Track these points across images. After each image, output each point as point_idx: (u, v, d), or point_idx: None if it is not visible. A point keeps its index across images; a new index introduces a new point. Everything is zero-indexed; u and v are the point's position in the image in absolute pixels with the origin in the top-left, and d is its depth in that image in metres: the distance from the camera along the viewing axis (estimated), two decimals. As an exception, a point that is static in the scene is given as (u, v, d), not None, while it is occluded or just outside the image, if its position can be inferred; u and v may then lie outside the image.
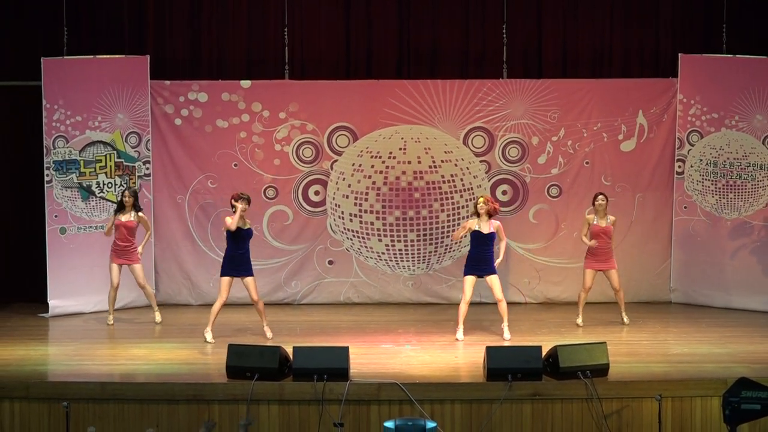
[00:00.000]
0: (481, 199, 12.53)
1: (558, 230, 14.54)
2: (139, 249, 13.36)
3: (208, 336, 12.31)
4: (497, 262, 12.61)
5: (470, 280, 12.51)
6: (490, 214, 12.50)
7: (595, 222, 13.10)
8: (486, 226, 12.49)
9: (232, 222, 12.22)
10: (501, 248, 12.63)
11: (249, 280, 12.36)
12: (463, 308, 12.51)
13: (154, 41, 14.55)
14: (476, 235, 12.50)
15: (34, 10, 14.42)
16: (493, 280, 12.49)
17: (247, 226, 12.39)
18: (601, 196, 13.12)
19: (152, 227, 13.84)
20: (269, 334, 12.43)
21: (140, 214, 13.32)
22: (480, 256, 12.49)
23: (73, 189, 13.98)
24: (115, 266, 13.33)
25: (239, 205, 12.24)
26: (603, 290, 13.85)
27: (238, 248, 12.31)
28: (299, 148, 14.53)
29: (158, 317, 13.43)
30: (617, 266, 13.20)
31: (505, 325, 12.52)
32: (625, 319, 13.21)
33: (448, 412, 10.36)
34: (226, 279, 12.36)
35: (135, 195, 13.37)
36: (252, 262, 12.59)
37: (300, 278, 14.61)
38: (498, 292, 12.49)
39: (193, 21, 14.59)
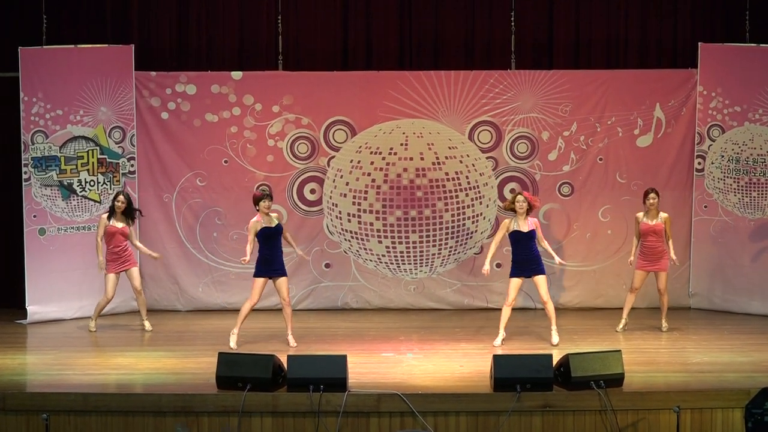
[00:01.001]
0: (521, 196, 12.55)
1: (570, 231, 14.56)
2: (154, 253, 13.37)
3: (233, 340, 12.35)
4: (558, 261, 12.64)
5: (516, 282, 12.52)
6: (529, 211, 12.53)
7: (644, 220, 13.10)
8: (525, 224, 12.51)
9: (251, 233, 12.38)
10: (548, 249, 12.61)
11: (282, 280, 12.46)
12: (505, 312, 12.51)
13: (139, 30, 14.56)
14: (517, 236, 12.53)
15: (11, -4, 14.47)
16: (540, 280, 12.49)
17: (275, 223, 12.47)
18: (652, 194, 13.09)
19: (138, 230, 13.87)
20: (293, 343, 12.47)
21: (132, 224, 13.36)
22: (525, 257, 12.51)
23: (53, 187, 14.00)
24: (112, 276, 13.31)
25: (263, 204, 12.41)
26: (617, 294, 13.85)
27: (270, 247, 12.39)
28: (294, 144, 14.55)
29: (148, 325, 13.44)
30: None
31: (553, 329, 12.55)
32: (664, 326, 13.21)
33: (453, 425, 10.37)
34: (259, 280, 12.44)
35: (129, 201, 13.38)
36: (245, 266, 12.57)
37: (295, 282, 14.61)
38: (544, 294, 12.48)
39: (180, 8, 14.61)
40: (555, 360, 10.59)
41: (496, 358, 10.55)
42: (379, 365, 11.70)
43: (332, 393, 10.33)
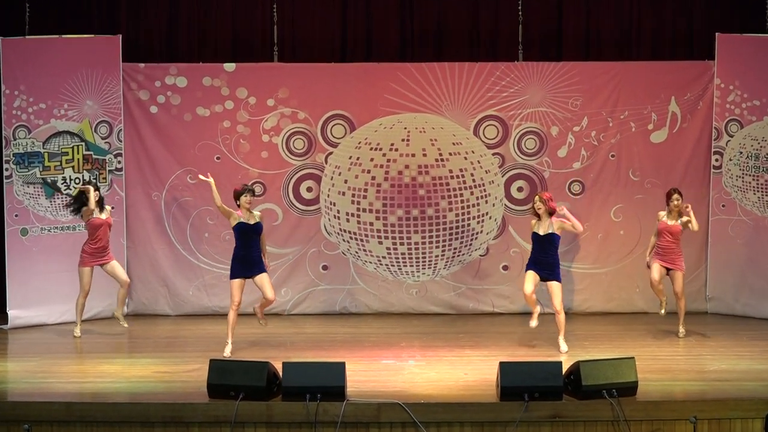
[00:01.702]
0: (537, 198, 12.55)
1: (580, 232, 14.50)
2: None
3: (227, 350, 12.31)
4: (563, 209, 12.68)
5: (531, 273, 12.51)
6: (551, 213, 12.48)
7: (664, 218, 13.10)
8: (544, 227, 12.46)
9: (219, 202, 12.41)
10: (572, 220, 12.64)
11: (261, 277, 12.42)
12: (527, 298, 12.52)
13: (127, 19, 14.54)
14: (534, 238, 12.55)
15: (-8, -17, 14.43)
16: (554, 287, 12.48)
17: (255, 221, 12.40)
18: (676, 195, 13.13)
19: (124, 228, 13.84)
20: (226, 352, 12.37)
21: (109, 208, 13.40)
22: (541, 259, 12.49)
23: (36, 185, 13.97)
24: (87, 270, 13.32)
25: (244, 199, 12.39)
26: (630, 298, 13.80)
27: (246, 246, 12.33)
28: (290, 140, 14.52)
29: (123, 321, 13.36)
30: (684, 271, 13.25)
31: (561, 338, 12.53)
32: (681, 332, 13.18)
33: (457, 436, 10.34)
34: (236, 282, 12.39)
35: (98, 188, 13.39)
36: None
37: (290, 285, 14.59)
38: (558, 303, 12.47)
39: (170, -4, 14.63)
40: (565, 367, 10.55)
41: (502, 365, 10.52)
42: (380, 373, 11.68)
43: (330, 402, 10.29)
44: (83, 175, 14.08)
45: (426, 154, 14.46)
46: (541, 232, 12.51)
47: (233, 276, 12.47)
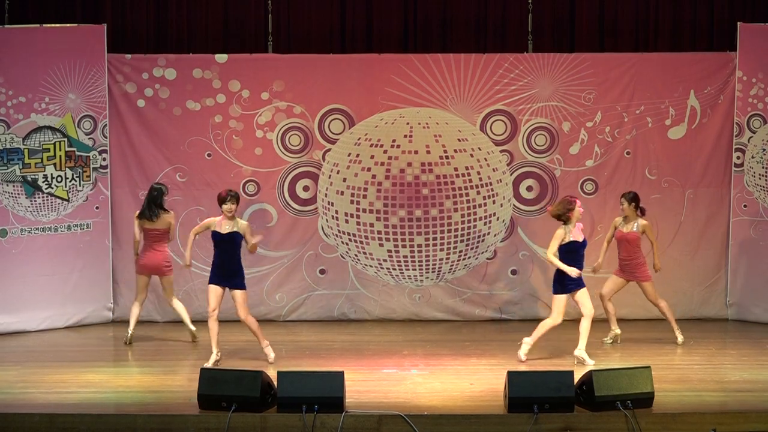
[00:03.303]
0: (624, 198, 12.99)
1: (594, 233, 14.57)
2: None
3: (211, 360, 12.34)
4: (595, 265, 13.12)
5: (562, 299, 12.47)
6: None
7: (620, 226, 13.26)
8: (579, 233, 12.50)
9: (198, 226, 12.52)
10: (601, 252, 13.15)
11: (236, 293, 12.43)
12: (547, 325, 12.50)
13: (112, 7, 14.57)
14: (571, 247, 12.46)
15: (-32, -31, 14.49)
16: (581, 294, 12.49)
17: (231, 230, 12.41)
18: (622, 198, 13.28)
19: (107, 230, 13.88)
20: (272, 356, 12.46)
21: (169, 213, 13.48)
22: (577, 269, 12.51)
23: (15, 183, 14.02)
24: (143, 278, 13.40)
25: (225, 207, 12.35)
26: (644, 304, 13.88)
27: (222, 255, 12.37)
28: (285, 135, 14.58)
29: (193, 328, 13.47)
30: (652, 277, 13.32)
31: (582, 346, 12.48)
32: (679, 338, 13.25)
33: (462, 450, 10.43)
34: (212, 287, 12.40)
35: (162, 193, 13.47)
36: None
37: (286, 290, 14.65)
38: (584, 308, 12.46)
39: (158, -17, 14.69)
40: (577, 377, 10.60)
41: (510, 375, 10.57)
42: (380, 383, 11.73)
43: (328, 414, 10.34)
44: (65, 173, 14.15)
45: (430, 151, 14.52)
46: (580, 239, 12.49)
47: (210, 281, 12.48)
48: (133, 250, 13.59)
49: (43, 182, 14.11)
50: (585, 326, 12.41)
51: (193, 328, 13.42)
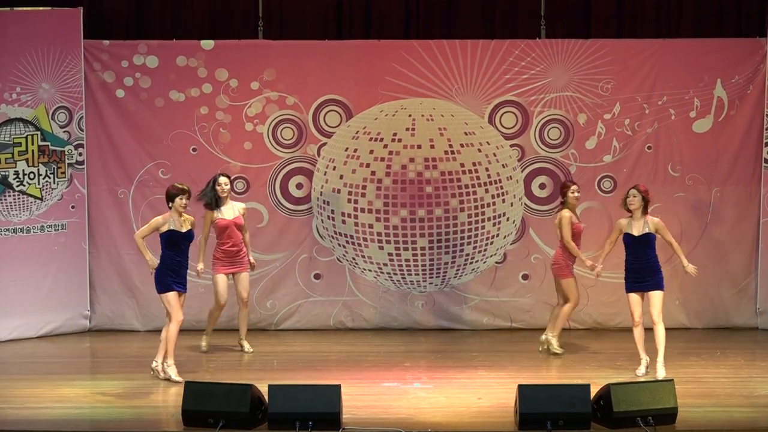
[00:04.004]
0: (633, 190, 12.55)
1: (612, 235, 14.55)
2: (251, 258, 13.43)
3: (172, 372, 12.29)
4: (687, 267, 12.51)
5: (634, 298, 12.45)
6: (645, 208, 12.50)
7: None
8: (639, 226, 12.48)
9: (145, 229, 12.29)
10: (676, 251, 12.52)
11: (183, 297, 12.40)
12: (636, 334, 12.45)
13: (89, -11, 14.63)
14: (627, 240, 12.50)
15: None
16: (655, 296, 12.43)
17: (187, 228, 12.36)
18: (574, 186, 13.32)
19: (87, 230, 13.87)
20: (174, 376, 12.35)
21: (243, 207, 13.45)
22: (639, 266, 12.45)
23: (-16, 181, 14.06)
24: (222, 277, 13.30)
25: (179, 202, 12.19)
26: (668, 312, 13.83)
27: (178, 254, 12.31)
28: (277, 128, 14.58)
29: (247, 346, 13.45)
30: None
31: (660, 359, 12.37)
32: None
33: (469, 470, 10.44)
34: (170, 295, 12.32)
35: (230, 181, 13.43)
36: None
37: (277, 297, 14.65)
38: (655, 313, 12.43)
39: (139, -37, 14.70)
40: (593, 391, 10.60)
41: (521, 388, 10.56)
42: (380, 397, 11.73)
43: (323, 431, 10.31)
44: (39, 169, 14.14)
45: (434, 145, 14.52)
46: (636, 233, 12.49)
47: (167, 289, 12.26)
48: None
49: (14, 179, 14.11)
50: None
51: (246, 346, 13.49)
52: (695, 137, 14.53)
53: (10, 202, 14.12)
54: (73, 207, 14.28)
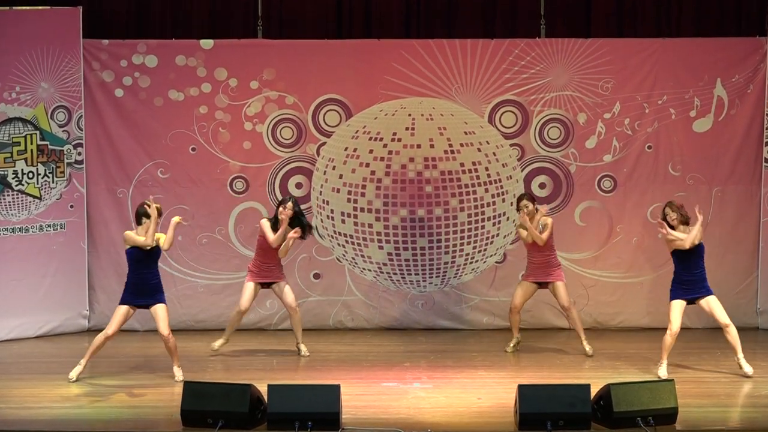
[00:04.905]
0: (668, 208, 12.45)
1: (612, 235, 14.57)
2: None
3: (75, 371, 12.23)
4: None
5: (679, 305, 12.45)
6: (685, 222, 12.44)
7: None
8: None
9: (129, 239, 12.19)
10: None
11: (157, 307, 12.33)
12: (667, 340, 12.43)
13: (88, -11, 14.63)
14: (677, 254, 12.42)
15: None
16: (711, 302, 12.43)
17: (152, 245, 12.25)
18: (524, 201, 13.26)
19: (85, 230, 13.85)
20: (179, 376, 12.34)
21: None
22: (690, 277, 12.42)
23: (-18, 180, 14.06)
24: (250, 285, 13.21)
25: (152, 213, 12.12)
26: (668, 312, 13.84)
27: (138, 272, 12.26)
28: (276, 128, 14.58)
29: (304, 349, 13.38)
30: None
31: (740, 356, 12.41)
32: (588, 349, 13.26)
33: (469, 470, 10.43)
34: (122, 308, 12.27)
35: (298, 206, 13.22)
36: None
37: (275, 297, 14.64)
38: (722, 316, 12.40)
39: (138, -38, 14.69)
40: (593, 391, 10.59)
41: (521, 388, 10.57)
42: (380, 397, 11.72)
43: (322, 431, 10.31)
44: (38, 169, 14.14)
45: (433, 145, 14.52)
46: (687, 245, 12.43)
47: (121, 301, 12.28)
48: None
49: (13, 179, 14.10)
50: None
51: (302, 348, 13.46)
52: (695, 137, 14.52)
53: (9, 202, 14.11)
54: (71, 206, 14.28)
